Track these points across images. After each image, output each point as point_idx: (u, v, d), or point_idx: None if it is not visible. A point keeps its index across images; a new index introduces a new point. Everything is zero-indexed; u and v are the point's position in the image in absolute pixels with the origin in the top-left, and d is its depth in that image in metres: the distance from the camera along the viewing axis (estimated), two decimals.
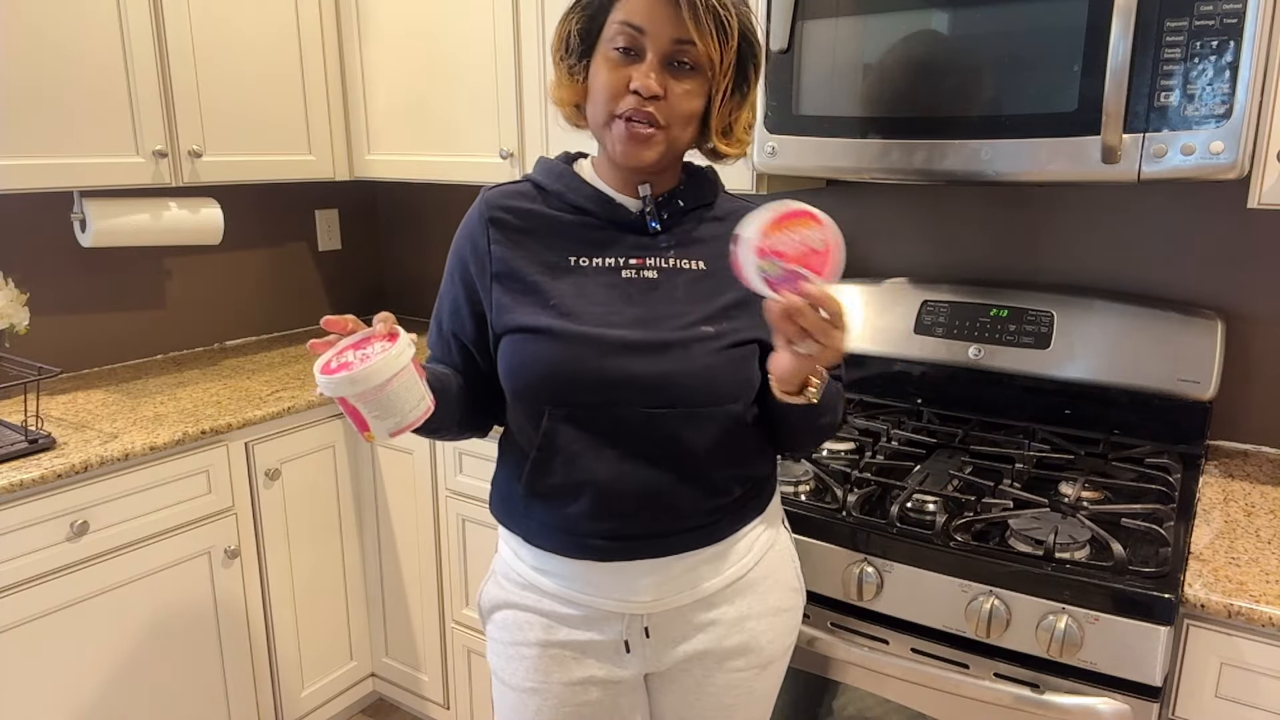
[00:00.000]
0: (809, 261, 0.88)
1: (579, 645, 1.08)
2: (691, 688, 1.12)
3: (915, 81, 1.37)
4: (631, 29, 0.97)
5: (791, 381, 0.97)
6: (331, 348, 0.91)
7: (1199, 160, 1.19)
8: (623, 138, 0.99)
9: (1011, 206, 1.73)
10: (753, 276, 0.88)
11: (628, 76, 0.98)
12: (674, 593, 1.06)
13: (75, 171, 1.77)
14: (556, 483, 1.04)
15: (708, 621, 1.09)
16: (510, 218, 1.08)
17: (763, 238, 0.87)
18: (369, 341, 0.90)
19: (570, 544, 1.05)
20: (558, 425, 1.02)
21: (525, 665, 1.09)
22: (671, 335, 1.01)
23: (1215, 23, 1.16)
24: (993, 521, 1.30)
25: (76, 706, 1.64)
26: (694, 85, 1.00)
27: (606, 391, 1.00)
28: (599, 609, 1.07)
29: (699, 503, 1.05)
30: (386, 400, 0.88)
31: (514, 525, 1.11)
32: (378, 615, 2.19)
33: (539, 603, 1.09)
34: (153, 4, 1.86)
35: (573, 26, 1.03)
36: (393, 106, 2.20)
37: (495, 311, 1.06)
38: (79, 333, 2.12)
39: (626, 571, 1.05)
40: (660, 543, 1.04)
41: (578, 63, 1.04)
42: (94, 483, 1.61)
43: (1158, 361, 1.52)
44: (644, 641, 1.08)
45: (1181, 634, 1.13)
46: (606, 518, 1.03)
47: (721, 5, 0.96)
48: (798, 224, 0.88)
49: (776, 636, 1.14)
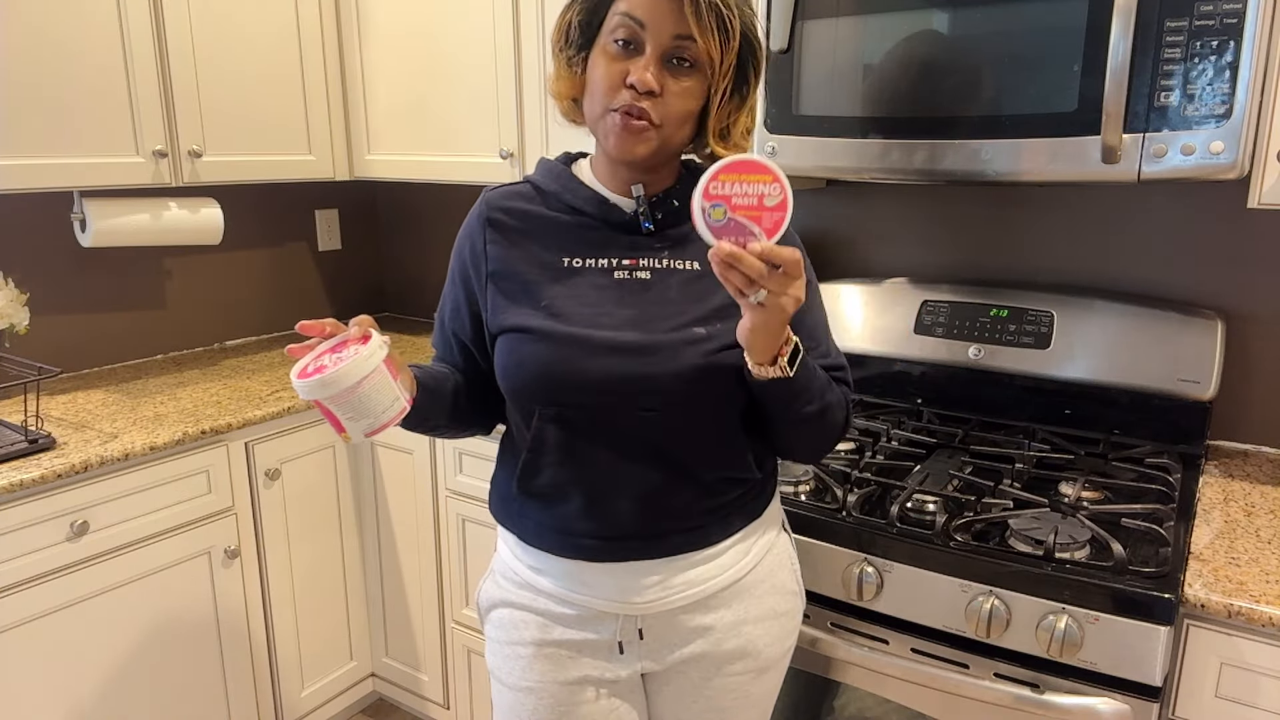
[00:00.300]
0: (760, 216, 0.87)
1: (575, 644, 1.08)
2: (689, 690, 1.12)
3: (915, 81, 1.37)
4: (632, 21, 0.96)
5: (758, 347, 0.93)
6: (309, 352, 0.92)
7: (1199, 160, 1.19)
8: (616, 131, 0.98)
9: (1012, 206, 1.73)
10: (698, 217, 0.87)
11: (625, 70, 0.97)
12: (669, 595, 1.06)
13: (75, 171, 1.77)
14: (547, 483, 1.05)
15: (705, 625, 1.08)
16: (507, 219, 1.08)
17: (712, 181, 0.86)
18: (345, 345, 0.91)
19: (563, 544, 1.05)
20: (547, 425, 1.02)
21: (521, 664, 1.09)
22: (662, 337, 1.01)
23: (1215, 23, 1.16)
24: (993, 521, 1.30)
25: (76, 706, 1.64)
26: (692, 84, 0.98)
27: (595, 393, 1.00)
28: (593, 609, 1.07)
29: (691, 504, 1.04)
30: (359, 402, 0.90)
31: (511, 524, 1.11)
32: (378, 615, 2.19)
33: (535, 601, 1.09)
34: (153, 4, 1.86)
35: (574, 17, 1.02)
36: (393, 106, 2.20)
37: (490, 311, 1.06)
38: (79, 333, 2.12)
39: (620, 572, 1.05)
40: (653, 544, 1.04)
41: (576, 54, 1.03)
42: (94, 483, 1.61)
43: (1158, 361, 1.52)
44: (638, 643, 1.08)
45: (1181, 634, 1.13)
46: (597, 518, 1.03)
47: (724, 4, 0.95)
48: (753, 177, 0.87)
49: (774, 640, 1.13)
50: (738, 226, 0.87)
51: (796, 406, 1.01)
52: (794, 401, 1.01)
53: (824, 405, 1.04)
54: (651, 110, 0.97)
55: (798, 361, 0.96)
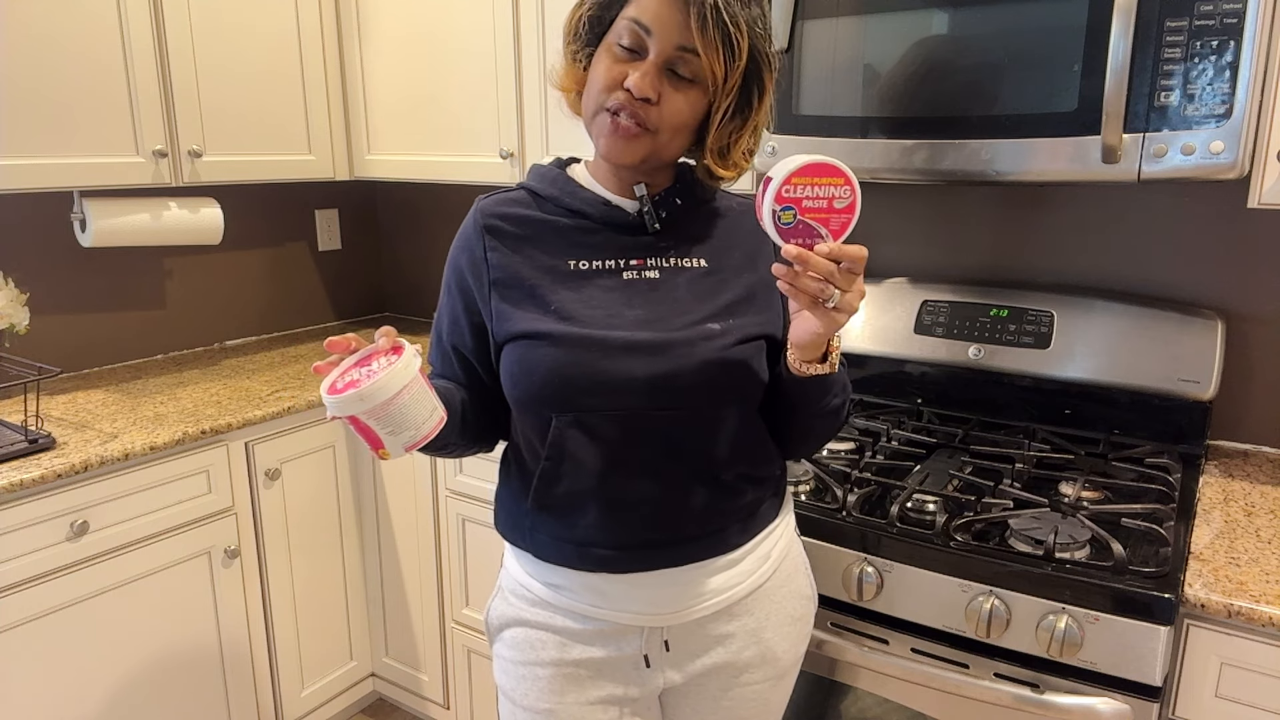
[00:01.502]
0: (828, 219, 0.88)
1: (595, 664, 1.05)
2: (708, 702, 1.10)
3: (916, 81, 1.37)
4: (639, 27, 0.96)
5: (815, 346, 0.95)
6: (335, 368, 0.89)
7: (1199, 160, 1.19)
8: (607, 131, 0.98)
9: (1011, 206, 1.73)
10: (767, 220, 0.88)
11: (624, 73, 0.96)
12: (695, 604, 1.04)
13: (75, 171, 1.77)
14: (565, 492, 1.02)
15: (726, 634, 1.07)
16: (506, 225, 1.06)
17: (785, 185, 0.86)
18: (373, 358, 0.89)
19: (582, 556, 1.02)
20: (565, 431, 1.00)
21: (540, 686, 1.06)
22: (675, 334, 1.00)
23: (1215, 22, 1.16)
24: (993, 521, 1.30)
25: (76, 706, 1.64)
26: (691, 96, 0.98)
27: (611, 394, 0.98)
28: (615, 623, 1.04)
29: (710, 506, 1.03)
30: (398, 414, 0.86)
31: (522, 542, 1.08)
32: (378, 615, 2.19)
33: (552, 620, 1.06)
34: (153, 3, 1.86)
35: (585, 13, 1.02)
36: (393, 106, 2.20)
37: (495, 320, 1.04)
38: (79, 333, 2.12)
39: (644, 582, 1.02)
40: (674, 551, 1.02)
41: (582, 50, 1.03)
42: (94, 483, 1.61)
43: (1158, 361, 1.52)
44: (664, 655, 1.06)
45: (1181, 634, 1.13)
46: (616, 526, 1.01)
47: (733, 23, 0.94)
48: (826, 180, 0.87)
49: (791, 646, 1.12)
50: (806, 229, 0.88)
51: (826, 400, 1.03)
52: (825, 395, 1.02)
53: (845, 396, 1.06)
54: (646, 116, 0.96)
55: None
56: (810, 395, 1.02)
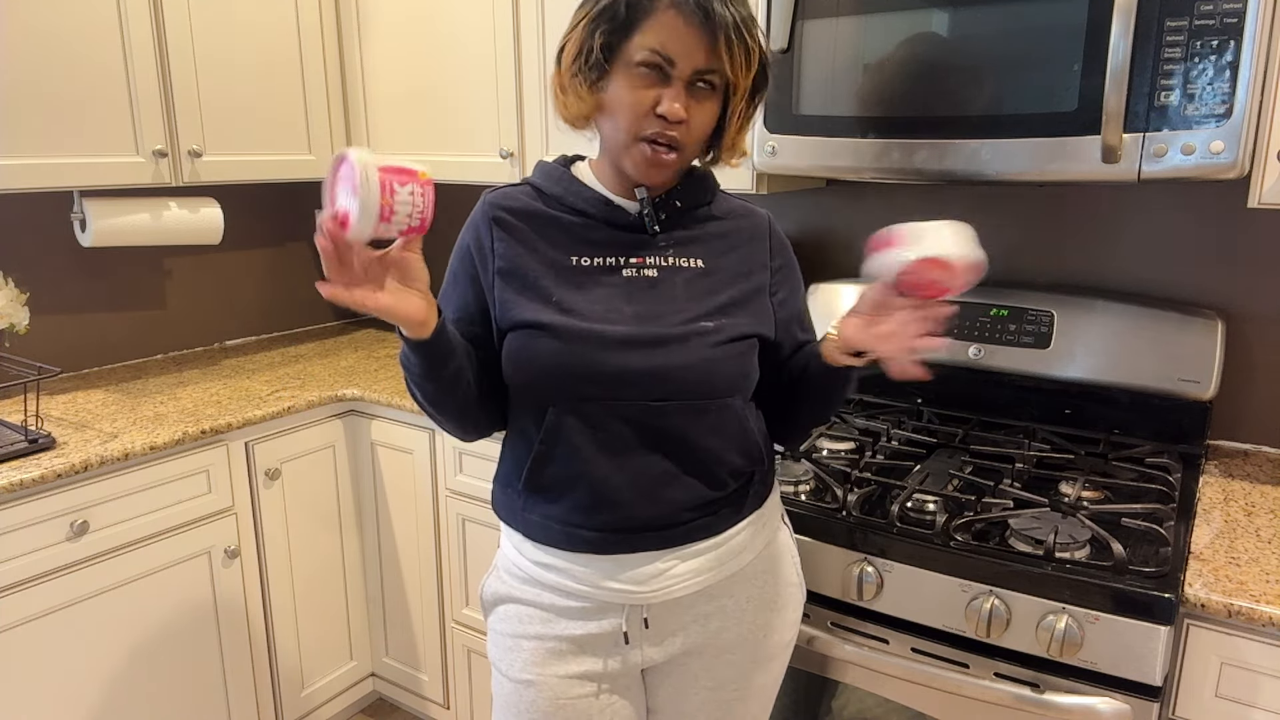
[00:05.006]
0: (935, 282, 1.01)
1: (577, 640, 1.10)
2: (689, 681, 1.14)
3: (915, 81, 1.37)
4: (661, 57, 0.98)
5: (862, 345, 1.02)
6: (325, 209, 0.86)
7: (1199, 160, 1.19)
8: (645, 160, 1.02)
9: (1012, 206, 1.73)
10: (891, 267, 0.97)
11: (654, 98, 0.99)
12: (675, 583, 1.08)
13: (75, 171, 1.77)
14: (556, 476, 1.06)
15: (706, 614, 1.11)
16: (512, 218, 1.09)
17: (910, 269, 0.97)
18: (334, 183, 0.84)
19: (569, 537, 1.07)
20: (562, 418, 1.04)
21: (523, 656, 1.11)
22: (670, 330, 1.04)
23: (1215, 22, 1.16)
24: (993, 521, 1.30)
25: (77, 706, 1.64)
26: (711, 105, 1.03)
27: (608, 386, 1.03)
28: (598, 600, 1.08)
29: (697, 495, 1.07)
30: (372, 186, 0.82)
31: (515, 522, 1.13)
32: (378, 615, 2.19)
33: (540, 597, 1.11)
34: (152, 3, 1.86)
35: (597, 41, 1.00)
36: (392, 107, 2.20)
37: (499, 307, 1.07)
38: (79, 333, 2.12)
39: (626, 562, 1.07)
40: (658, 535, 1.06)
41: (598, 79, 1.01)
42: (94, 482, 1.61)
43: (1158, 361, 1.52)
44: (643, 633, 1.10)
45: (1181, 634, 1.13)
46: (605, 510, 1.05)
47: (750, 34, 1.00)
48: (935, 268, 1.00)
49: (774, 631, 1.16)
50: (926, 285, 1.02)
51: (847, 390, 1.12)
52: (848, 384, 1.11)
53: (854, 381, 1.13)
54: (680, 136, 1.01)
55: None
56: (836, 381, 1.10)
